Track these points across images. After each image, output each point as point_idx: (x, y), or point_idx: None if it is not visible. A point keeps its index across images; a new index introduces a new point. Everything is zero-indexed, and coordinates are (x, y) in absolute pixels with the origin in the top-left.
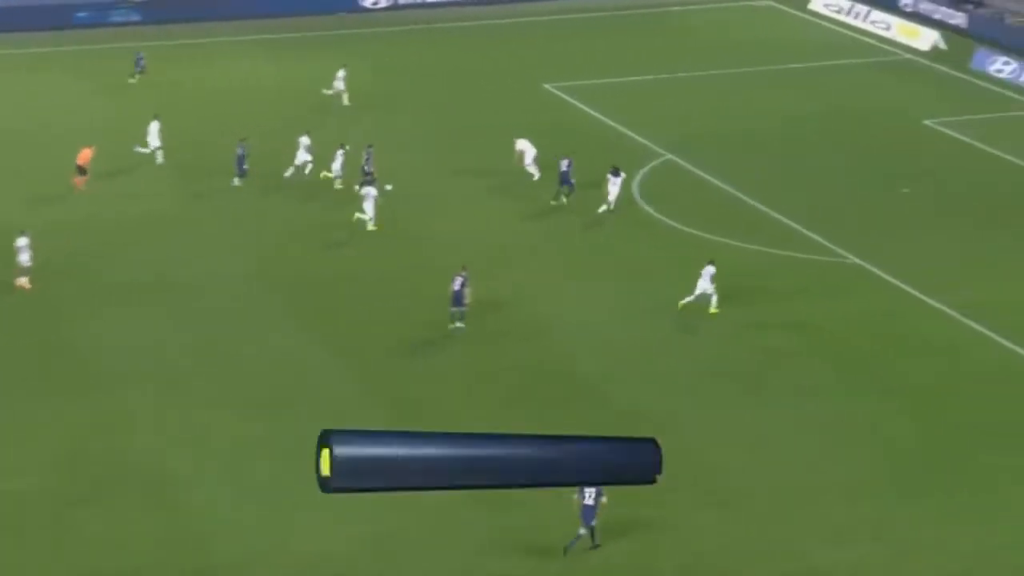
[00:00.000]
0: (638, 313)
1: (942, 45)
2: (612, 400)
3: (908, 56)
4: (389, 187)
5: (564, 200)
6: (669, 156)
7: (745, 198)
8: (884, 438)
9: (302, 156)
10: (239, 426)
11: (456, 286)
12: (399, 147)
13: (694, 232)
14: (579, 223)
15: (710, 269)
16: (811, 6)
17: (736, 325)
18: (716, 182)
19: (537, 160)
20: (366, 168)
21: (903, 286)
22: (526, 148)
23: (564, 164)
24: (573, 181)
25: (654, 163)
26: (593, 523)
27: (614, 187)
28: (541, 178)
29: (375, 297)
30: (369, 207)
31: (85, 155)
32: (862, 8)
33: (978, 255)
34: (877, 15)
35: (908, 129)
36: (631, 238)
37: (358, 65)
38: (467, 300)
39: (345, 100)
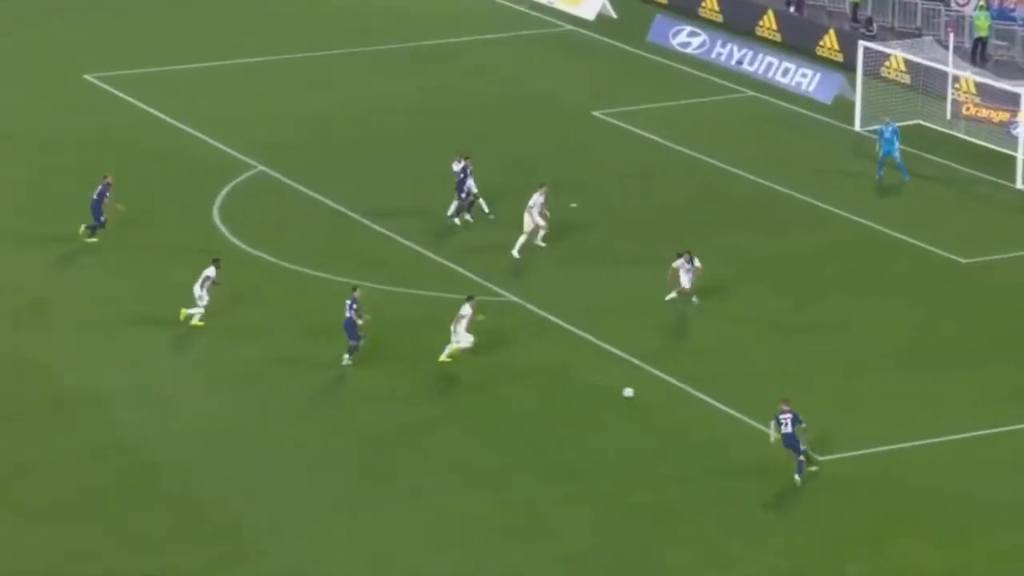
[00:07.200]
0: None
1: (611, 13)
2: None
3: (569, 27)
4: None
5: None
6: (260, 167)
7: (365, 221)
8: None
9: None
10: None
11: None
12: None
13: (298, 269)
14: None
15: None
16: None
17: None
18: (326, 201)
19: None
20: None
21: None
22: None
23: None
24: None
25: (240, 178)
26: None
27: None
28: None
29: None
30: None
31: None
32: None
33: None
34: None
35: (570, 123)
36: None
37: None
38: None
39: None
